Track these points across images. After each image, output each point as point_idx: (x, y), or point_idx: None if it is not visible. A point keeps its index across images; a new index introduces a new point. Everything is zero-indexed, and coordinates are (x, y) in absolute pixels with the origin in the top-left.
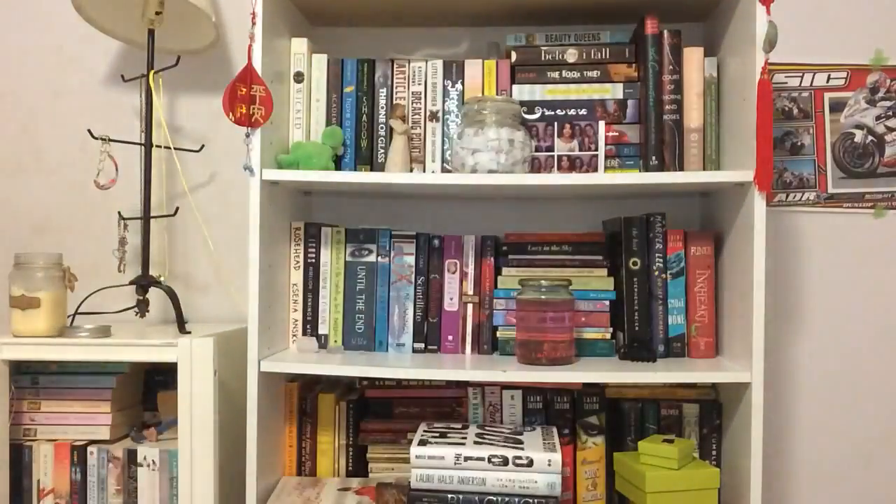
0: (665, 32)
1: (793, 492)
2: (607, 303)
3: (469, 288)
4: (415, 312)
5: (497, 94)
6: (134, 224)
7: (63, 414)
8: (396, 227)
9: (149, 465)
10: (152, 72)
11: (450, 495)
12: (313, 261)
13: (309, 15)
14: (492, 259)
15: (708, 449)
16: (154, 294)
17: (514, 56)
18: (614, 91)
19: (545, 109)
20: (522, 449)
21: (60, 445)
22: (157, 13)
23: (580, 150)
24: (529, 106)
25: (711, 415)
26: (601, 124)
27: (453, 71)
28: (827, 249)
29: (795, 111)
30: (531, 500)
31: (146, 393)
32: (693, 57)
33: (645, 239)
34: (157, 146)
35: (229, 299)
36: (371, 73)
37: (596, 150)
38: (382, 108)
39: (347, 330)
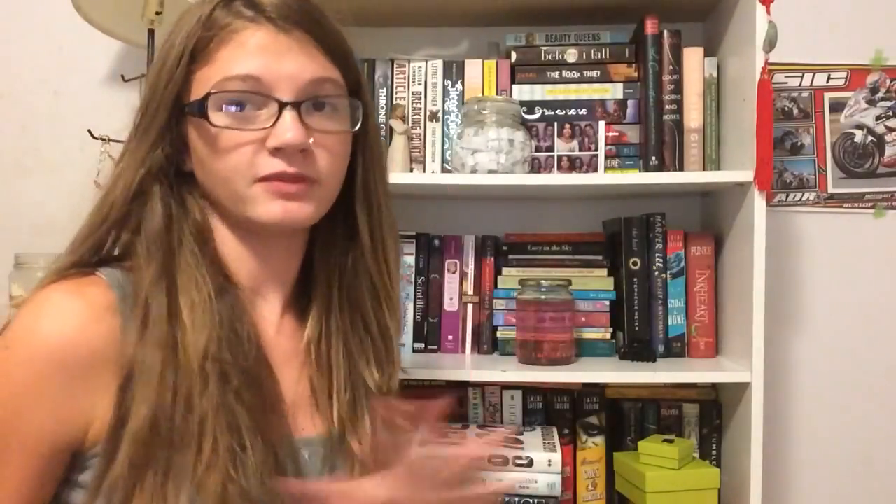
0: (665, 32)
1: (793, 492)
2: (607, 303)
3: (469, 288)
4: (415, 312)
5: (497, 94)
6: None
7: None
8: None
9: None
10: None
11: None
12: None
13: None
14: (492, 259)
15: (708, 449)
16: None
17: (514, 56)
18: (614, 91)
19: (545, 109)
20: (522, 449)
21: None
22: (157, 13)
23: (580, 150)
24: (529, 106)
25: (711, 415)
26: (601, 124)
27: (453, 71)
28: (827, 249)
29: (795, 111)
30: (531, 500)
31: None
32: (693, 57)
33: (645, 239)
34: None
35: None
36: (371, 73)
37: (596, 150)
38: (382, 108)
39: None
